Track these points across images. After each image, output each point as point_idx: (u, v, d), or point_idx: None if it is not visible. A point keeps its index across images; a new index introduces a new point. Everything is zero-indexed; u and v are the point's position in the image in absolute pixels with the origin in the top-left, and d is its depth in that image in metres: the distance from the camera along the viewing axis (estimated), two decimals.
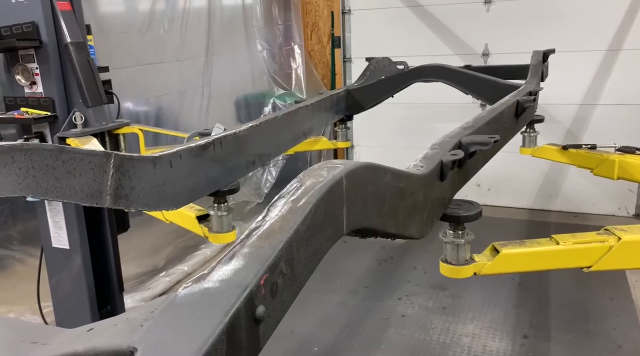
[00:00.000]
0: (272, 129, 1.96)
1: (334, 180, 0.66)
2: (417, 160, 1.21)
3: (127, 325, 0.47)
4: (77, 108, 2.45)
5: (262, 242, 0.54)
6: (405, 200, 0.96)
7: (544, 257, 1.37)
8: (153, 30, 3.81)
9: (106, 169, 1.18)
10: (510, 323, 2.95)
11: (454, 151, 1.28)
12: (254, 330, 0.49)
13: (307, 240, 0.59)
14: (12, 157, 0.96)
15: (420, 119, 5.07)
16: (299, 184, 0.66)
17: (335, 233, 0.67)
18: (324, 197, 0.63)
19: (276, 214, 0.59)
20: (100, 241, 2.71)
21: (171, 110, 4.10)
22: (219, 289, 0.48)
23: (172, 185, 1.40)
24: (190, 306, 0.47)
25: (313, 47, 5.71)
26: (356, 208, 0.72)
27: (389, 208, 0.86)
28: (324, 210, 0.63)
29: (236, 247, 0.55)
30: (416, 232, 1.05)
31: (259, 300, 0.49)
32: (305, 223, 0.59)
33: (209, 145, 1.54)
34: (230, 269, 0.51)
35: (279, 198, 0.64)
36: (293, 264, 0.56)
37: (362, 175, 0.74)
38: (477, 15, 4.78)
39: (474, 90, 2.63)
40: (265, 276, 0.51)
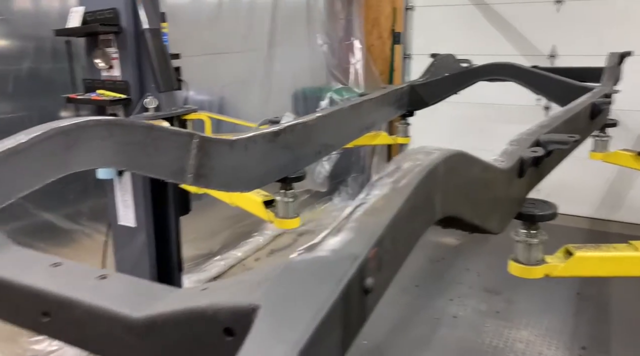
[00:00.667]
0: (338, 120, 1.98)
1: (432, 165, 0.67)
2: (497, 155, 1.19)
3: (244, 286, 0.50)
4: (150, 92, 2.55)
5: (367, 218, 0.56)
6: (490, 192, 0.95)
7: (621, 262, 1.32)
8: (220, 21, 3.91)
9: (189, 148, 1.23)
10: (568, 333, 2.85)
11: (534, 148, 1.25)
12: (363, 300, 0.51)
13: (407, 221, 0.60)
14: (111, 131, 1.02)
15: (479, 120, 4.96)
16: (396, 166, 0.67)
17: (430, 217, 0.68)
18: (424, 180, 0.64)
19: (378, 193, 0.61)
20: (164, 221, 2.82)
21: (233, 100, 4.19)
22: (331, 258, 0.50)
23: (246, 169, 1.44)
24: (306, 271, 0.49)
25: (373, 42, 5.69)
26: (449, 195, 0.72)
27: (477, 198, 0.86)
28: (422, 193, 0.64)
29: (343, 222, 0.56)
30: (496, 227, 1.04)
31: (368, 272, 0.51)
32: (408, 203, 0.60)
33: (281, 132, 1.57)
34: (340, 240, 0.52)
35: (379, 179, 0.65)
36: (396, 242, 0.57)
37: (456, 161, 0.74)
38: (546, 15, 4.62)
39: (544, 90, 2.55)
40: (374, 249, 0.52)
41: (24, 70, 2.70)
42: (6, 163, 0.85)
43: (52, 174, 0.92)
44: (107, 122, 1.02)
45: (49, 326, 0.60)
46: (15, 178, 0.87)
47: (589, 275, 1.36)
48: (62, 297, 0.59)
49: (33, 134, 0.89)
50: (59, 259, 0.67)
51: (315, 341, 0.43)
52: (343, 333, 0.47)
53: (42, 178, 0.92)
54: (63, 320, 0.59)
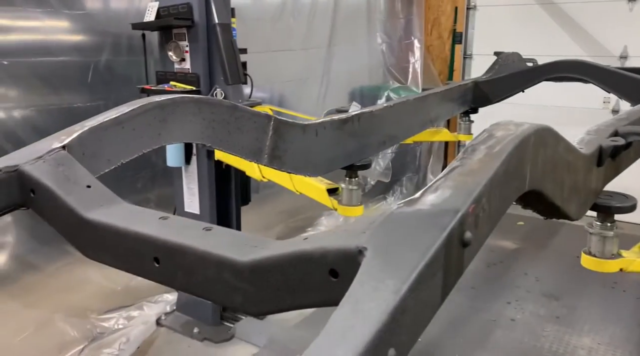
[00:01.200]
0: (403, 111, 1.99)
1: (525, 134, 0.68)
2: (575, 143, 1.17)
3: (348, 233, 0.53)
4: (218, 85, 2.65)
5: (465, 178, 0.58)
6: (571, 174, 0.94)
7: None
8: (283, 20, 3.99)
9: (267, 130, 1.28)
10: (635, 342, 2.73)
11: (614, 138, 1.22)
12: (461, 252, 0.53)
13: (501, 185, 0.61)
14: (200, 108, 1.08)
15: (542, 121, 4.80)
16: (489, 134, 0.68)
17: (520, 186, 0.69)
18: (517, 147, 0.65)
19: (473, 157, 0.62)
20: (226, 210, 2.92)
21: (292, 96, 4.27)
22: (432, 210, 0.52)
23: (316, 153, 1.48)
24: (408, 221, 0.51)
25: (432, 42, 5.64)
26: (537, 168, 0.73)
27: (559, 177, 0.85)
28: (515, 161, 0.65)
29: (439, 181, 0.59)
30: (575, 212, 1.02)
31: (467, 226, 0.53)
32: (502, 168, 0.61)
33: (349, 120, 1.60)
34: (439, 196, 0.55)
35: (472, 145, 0.66)
36: (491, 202, 0.58)
37: (544, 136, 0.75)
38: (617, 15, 4.43)
39: (618, 89, 2.45)
40: (473, 206, 0.54)
41: (102, 62, 2.87)
42: (109, 131, 0.93)
43: (148, 144, 0.99)
44: (197, 99, 1.09)
45: (159, 272, 0.66)
46: (117, 145, 0.94)
47: None
48: (172, 244, 0.64)
49: (134, 106, 0.96)
50: (167, 214, 0.72)
51: (421, 282, 0.45)
52: (444, 280, 0.50)
53: (139, 148, 0.98)
54: (172, 265, 0.65)
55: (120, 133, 0.94)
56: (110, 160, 0.93)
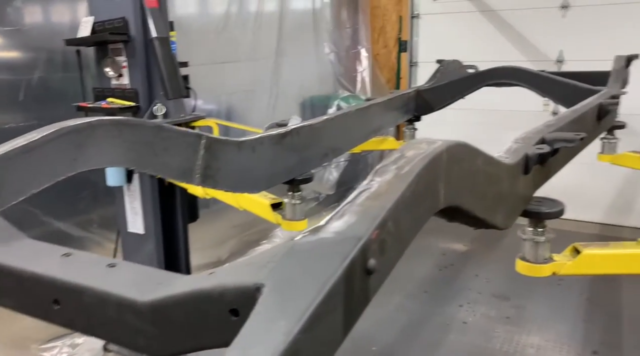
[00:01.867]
0: (345, 123, 1.99)
1: (435, 153, 0.67)
2: (502, 152, 1.19)
3: (250, 267, 0.51)
4: (158, 100, 2.58)
5: (371, 202, 0.57)
6: (494, 186, 0.95)
7: (630, 260, 1.31)
8: (228, 31, 3.96)
9: (197, 149, 1.25)
10: (579, 338, 2.82)
11: (539, 145, 1.25)
12: (365, 281, 0.52)
13: (410, 206, 0.61)
14: (120, 130, 1.04)
15: (486, 125, 4.95)
16: (400, 154, 0.68)
17: (433, 205, 0.68)
18: (426, 167, 0.64)
19: (382, 179, 0.61)
20: (172, 228, 2.84)
21: (240, 108, 4.23)
22: (335, 239, 0.51)
23: (253, 170, 1.45)
24: (310, 252, 0.50)
25: (379, 50, 5.72)
26: (452, 184, 0.73)
27: (480, 190, 0.86)
28: (425, 180, 0.65)
29: (346, 206, 0.57)
30: (501, 222, 1.04)
31: (371, 253, 0.52)
32: (410, 189, 0.60)
33: (288, 134, 1.59)
34: (344, 223, 0.53)
35: (382, 167, 0.66)
36: (399, 225, 0.57)
37: (459, 152, 0.75)
38: (552, 21, 4.63)
39: (552, 93, 2.55)
40: (377, 232, 0.53)
41: (35, 80, 2.75)
42: (19, 160, 0.87)
43: (63, 172, 0.94)
44: (117, 121, 1.04)
45: (60, 314, 0.62)
46: (28, 175, 0.89)
47: (597, 273, 1.35)
48: (71, 284, 0.60)
49: (45, 132, 0.91)
50: (70, 250, 0.68)
51: (318, 318, 0.44)
52: (345, 312, 0.48)
53: (53, 176, 0.93)
54: (73, 307, 0.61)
55: (30, 161, 0.88)
56: (19, 192, 0.87)
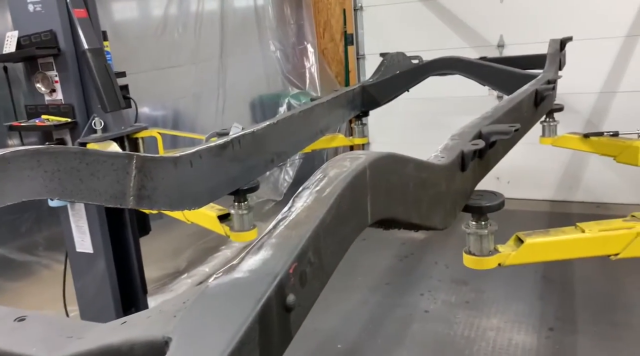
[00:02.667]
0: (289, 127, 1.97)
1: (358, 170, 0.66)
2: (438, 151, 1.20)
3: (160, 316, 0.48)
4: (96, 113, 2.48)
5: (289, 232, 0.54)
6: (428, 190, 0.95)
7: (570, 245, 1.35)
8: (168, 34, 3.85)
9: (128, 170, 1.19)
10: (536, 316, 2.91)
11: (475, 141, 1.26)
12: (285, 318, 0.49)
13: (333, 230, 0.59)
14: (38, 160, 0.98)
15: (436, 114, 5.04)
16: (323, 175, 0.66)
17: (361, 223, 0.67)
18: (348, 187, 0.63)
19: (302, 205, 0.59)
20: (123, 244, 2.75)
21: (188, 113, 4.14)
22: (249, 278, 0.49)
23: (193, 185, 1.41)
24: (222, 296, 0.47)
25: (326, 45, 5.71)
26: (380, 198, 0.72)
27: (412, 198, 0.85)
28: (348, 200, 0.63)
29: (264, 238, 0.55)
30: (440, 223, 1.04)
31: (289, 289, 0.50)
32: (331, 213, 0.59)
33: (228, 145, 1.55)
34: (259, 259, 0.51)
35: (303, 189, 0.64)
36: (321, 253, 0.56)
37: (385, 164, 0.74)
38: (491, 7, 4.73)
39: (490, 81, 2.60)
40: (294, 265, 0.51)
41: None
42: None
43: None
44: (34, 151, 0.98)
45: None
46: None
47: (540, 260, 1.38)
48: None
49: None
50: None
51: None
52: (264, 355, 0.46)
53: None
54: None
55: None
56: None
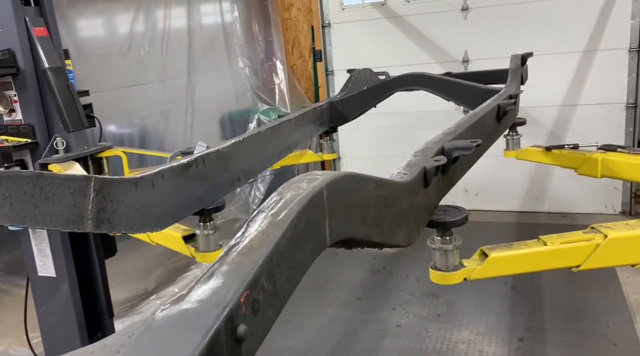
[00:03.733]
0: (255, 145, 1.95)
1: (314, 192, 0.65)
2: (400, 168, 1.20)
3: (104, 352, 0.46)
4: (58, 133, 2.42)
5: (241, 259, 0.53)
6: (390, 208, 0.95)
7: (533, 258, 1.37)
8: (134, 52, 3.81)
9: (86, 193, 1.16)
10: (505, 327, 2.94)
11: (437, 157, 1.28)
12: (236, 349, 0.48)
13: (288, 254, 0.58)
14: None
15: (406, 128, 5.10)
16: (278, 197, 0.65)
17: (318, 245, 0.66)
18: (304, 209, 0.62)
19: (255, 229, 0.58)
20: (88, 267, 2.67)
21: (155, 131, 4.08)
22: (197, 309, 0.47)
23: (156, 206, 1.38)
24: (168, 328, 0.46)
25: (295, 61, 5.74)
26: (339, 219, 0.71)
27: (374, 217, 0.85)
28: (304, 223, 0.62)
29: (215, 266, 0.54)
30: (403, 240, 1.04)
31: (240, 319, 0.48)
32: (286, 236, 0.58)
33: (192, 164, 1.53)
34: (209, 288, 0.50)
35: (258, 213, 0.62)
36: (275, 279, 0.55)
37: (343, 185, 0.73)
38: (455, 23, 4.84)
39: (455, 96, 2.65)
40: (246, 293, 0.49)
41: None
42: None
43: None
44: None
45: None
46: None
47: (505, 274, 1.39)
48: None
49: None
50: None
51: None
52: None
53: None
54: None
55: None
56: None
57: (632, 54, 4.36)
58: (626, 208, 4.60)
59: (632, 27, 4.33)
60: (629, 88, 4.43)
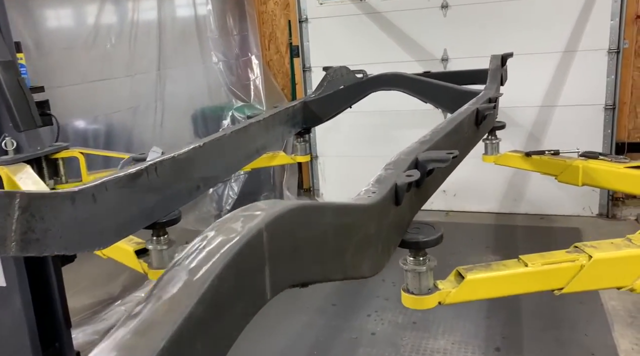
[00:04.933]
0: (218, 149, 1.81)
1: (249, 236, 0.52)
2: (370, 184, 1.08)
3: None
4: (7, 133, 2.24)
5: (136, 341, 0.40)
6: (353, 237, 0.83)
7: (512, 280, 1.26)
8: (98, 46, 3.62)
9: (9, 212, 1.02)
10: (482, 336, 2.86)
11: (410, 171, 1.15)
12: None
13: (206, 327, 0.45)
14: None
15: (385, 127, 4.99)
16: (201, 244, 0.52)
17: (255, 303, 0.53)
18: (233, 262, 0.49)
19: (164, 293, 0.45)
20: (42, 275, 2.50)
21: (123, 128, 3.90)
22: None
23: (98, 222, 1.23)
24: None
25: (272, 57, 5.59)
26: (284, 265, 0.59)
27: (332, 252, 0.73)
28: (234, 279, 0.49)
29: (102, 345, 0.40)
30: (369, 270, 0.92)
31: None
32: (203, 303, 0.44)
33: (142, 173, 1.38)
34: None
35: (173, 267, 0.49)
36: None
37: (290, 220, 0.60)
38: (434, 21, 4.74)
39: (432, 98, 2.54)
40: None
41: None
42: None
43: None
44: None
45: None
46: None
47: (483, 297, 1.29)
48: None
49: None
50: None
51: None
52: None
53: None
54: None
55: None
56: None
57: (611, 55, 4.32)
58: (603, 210, 4.58)
59: (611, 27, 4.28)
60: (607, 89, 4.39)
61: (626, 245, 1.26)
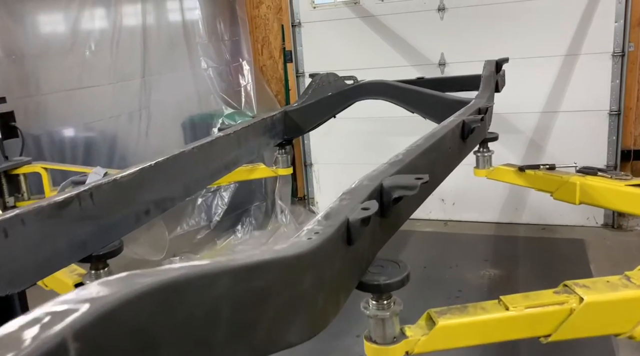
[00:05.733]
0: (175, 168, 1.64)
1: (83, 324, 0.34)
2: (317, 220, 0.91)
3: None
4: None
5: None
6: (272, 301, 0.65)
7: (491, 327, 1.09)
8: (77, 53, 3.48)
9: None
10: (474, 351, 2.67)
11: (367, 203, 0.98)
12: None
13: None
14: None
15: (381, 133, 4.81)
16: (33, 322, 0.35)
17: None
18: None
19: None
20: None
21: (103, 138, 3.75)
22: None
23: (9, 262, 1.07)
24: None
25: (265, 62, 5.43)
26: None
27: (228, 333, 0.55)
28: None
29: None
30: (300, 335, 0.75)
31: None
32: None
33: (72, 200, 1.22)
34: None
35: None
36: None
37: (136, 311, 0.42)
38: (431, 24, 4.56)
39: (419, 107, 2.36)
40: None
41: None
42: None
43: None
44: None
45: None
46: None
47: (457, 346, 1.11)
48: None
49: None
50: None
51: None
52: None
53: None
54: None
55: None
56: None
57: (616, 58, 4.12)
58: (609, 220, 4.36)
59: (615, 30, 4.09)
60: (612, 94, 4.20)
61: (624, 285, 1.09)
